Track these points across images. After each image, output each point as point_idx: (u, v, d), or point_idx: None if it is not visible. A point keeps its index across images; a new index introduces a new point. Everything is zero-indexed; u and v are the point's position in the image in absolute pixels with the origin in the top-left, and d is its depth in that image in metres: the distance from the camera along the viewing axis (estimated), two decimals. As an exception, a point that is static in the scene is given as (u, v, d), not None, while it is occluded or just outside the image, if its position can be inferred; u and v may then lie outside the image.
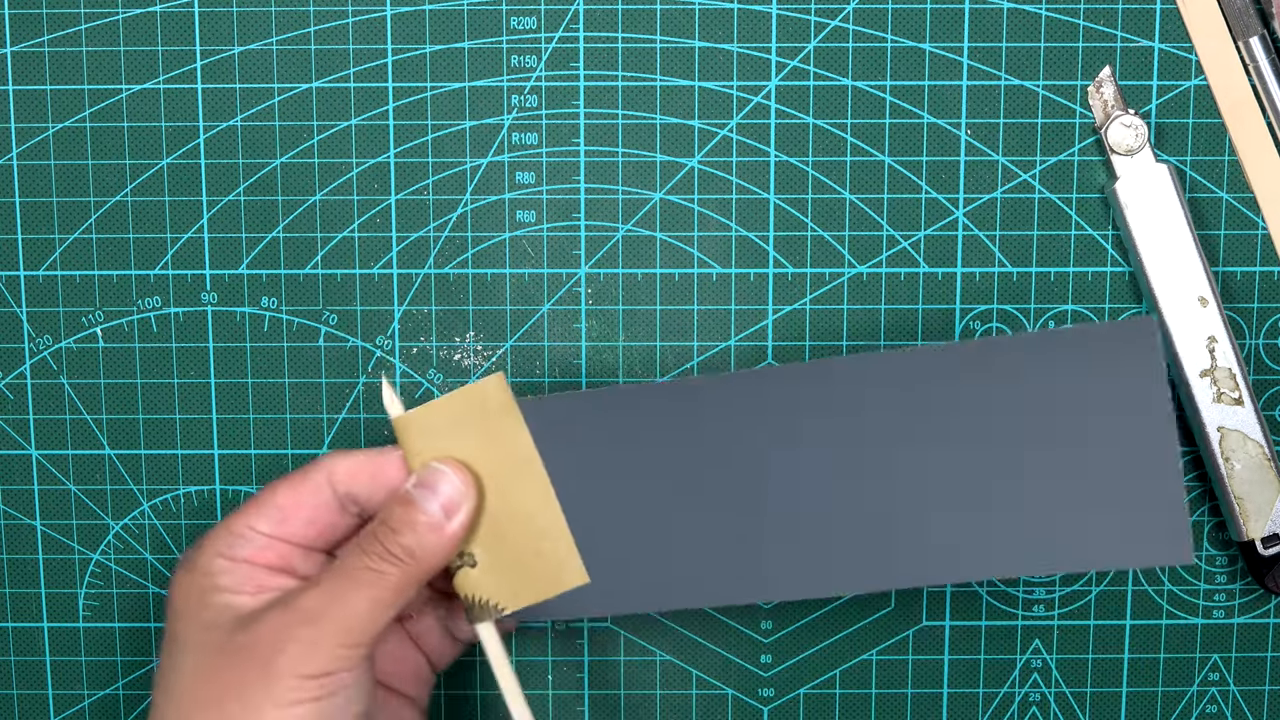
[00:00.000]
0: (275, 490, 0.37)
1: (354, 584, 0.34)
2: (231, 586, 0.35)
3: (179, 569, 0.37)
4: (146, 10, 0.43)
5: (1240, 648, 0.45)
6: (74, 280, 0.44)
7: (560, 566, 0.36)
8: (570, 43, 0.43)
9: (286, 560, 0.36)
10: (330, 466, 0.36)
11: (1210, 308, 0.42)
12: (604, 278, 0.44)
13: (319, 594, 0.34)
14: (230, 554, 0.36)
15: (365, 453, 0.37)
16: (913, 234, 0.44)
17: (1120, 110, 0.42)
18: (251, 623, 0.34)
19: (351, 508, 0.37)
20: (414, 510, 0.35)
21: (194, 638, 0.35)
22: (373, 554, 0.35)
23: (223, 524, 0.36)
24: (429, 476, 0.36)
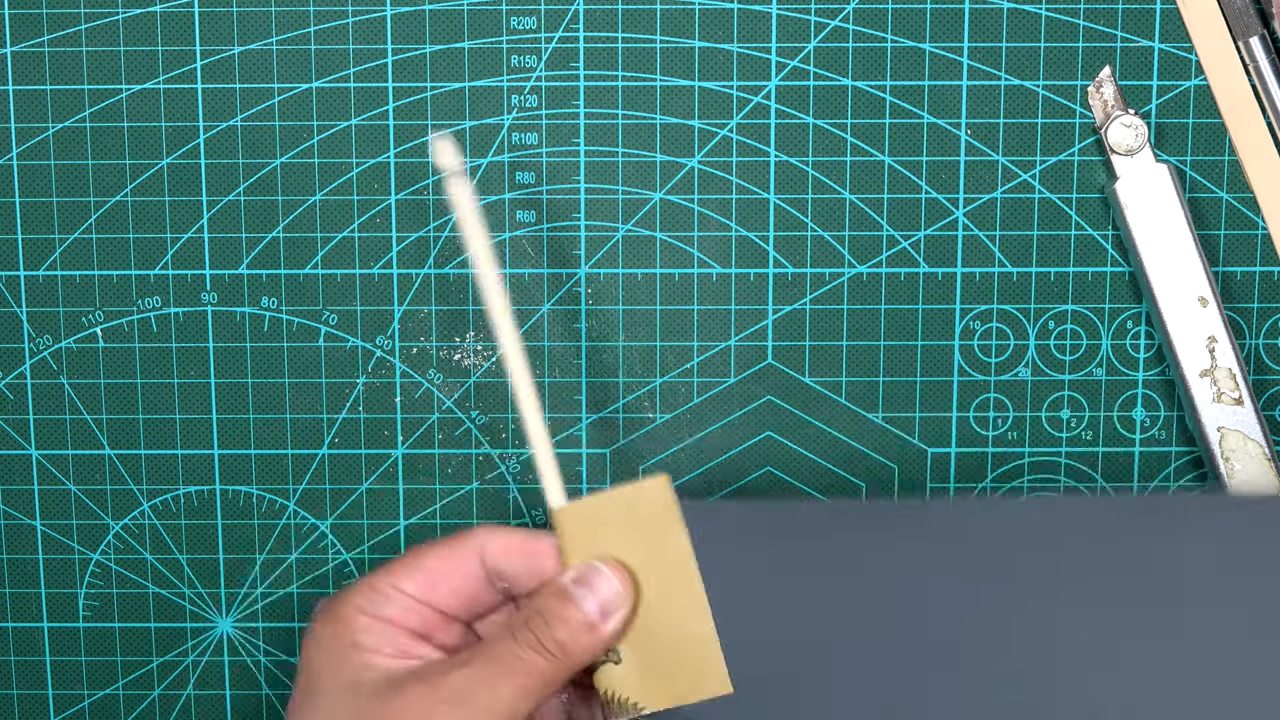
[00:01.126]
0: (423, 554, 0.36)
1: (502, 671, 0.34)
2: (372, 646, 0.35)
3: (319, 619, 0.36)
4: (146, 10, 0.43)
5: (1240, 648, 0.45)
6: (74, 280, 0.44)
7: (705, 672, 0.36)
8: (570, 43, 0.43)
9: (428, 627, 0.36)
10: (484, 540, 0.36)
11: (1210, 308, 0.42)
12: (604, 278, 0.44)
13: (467, 675, 0.34)
14: (373, 611, 0.35)
15: (521, 533, 0.36)
16: (913, 234, 0.44)
17: (1120, 110, 0.42)
18: (394, 693, 0.34)
19: (499, 584, 0.36)
20: (571, 607, 0.35)
21: (333, 695, 0.35)
22: (525, 643, 0.34)
23: (366, 580, 0.36)
24: (589, 575, 0.35)
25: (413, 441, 0.45)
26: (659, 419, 0.44)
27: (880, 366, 0.44)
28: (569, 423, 0.44)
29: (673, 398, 0.44)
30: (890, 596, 0.34)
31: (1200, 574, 0.30)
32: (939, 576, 0.33)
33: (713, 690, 0.36)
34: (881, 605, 0.34)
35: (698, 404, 0.44)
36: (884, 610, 0.34)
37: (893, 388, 0.44)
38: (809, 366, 0.44)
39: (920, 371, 0.44)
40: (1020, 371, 0.44)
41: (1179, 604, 0.30)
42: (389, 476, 0.45)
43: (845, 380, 0.44)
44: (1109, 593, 0.31)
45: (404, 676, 0.34)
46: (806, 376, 0.44)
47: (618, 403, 0.44)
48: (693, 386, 0.44)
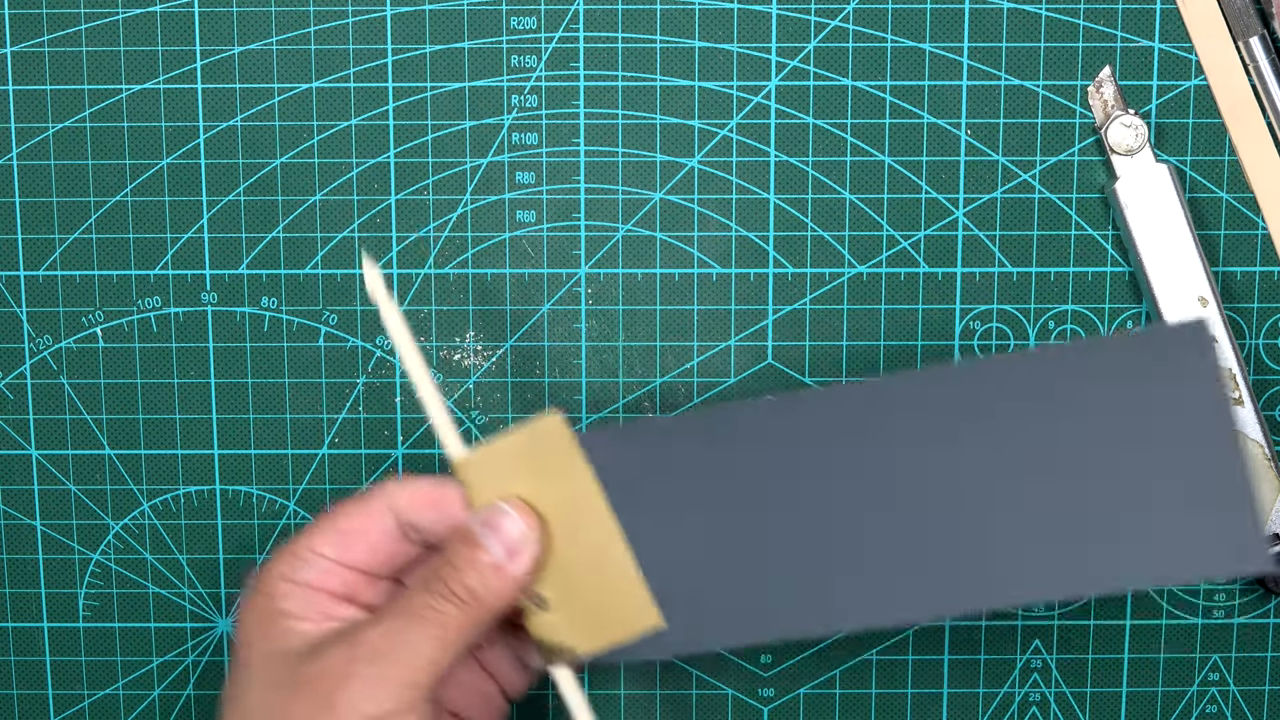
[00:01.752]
0: (336, 515, 0.36)
1: (417, 622, 0.34)
2: (295, 612, 0.35)
3: (246, 591, 0.36)
4: (146, 10, 0.43)
5: (1240, 648, 0.45)
6: (74, 280, 0.44)
7: (633, 609, 0.36)
8: (570, 43, 0.43)
9: (351, 587, 0.36)
10: (391, 493, 0.36)
11: (1210, 308, 0.42)
12: (604, 278, 0.44)
13: (382, 631, 0.34)
14: (293, 577, 0.35)
15: (428, 481, 0.36)
16: (913, 234, 0.44)
17: (1120, 110, 0.42)
18: (316, 655, 0.34)
19: (413, 535, 0.36)
20: (477, 550, 0.35)
21: (260, 667, 0.35)
22: (436, 593, 0.34)
23: (286, 547, 0.36)
24: (492, 516, 0.35)
25: (413, 441, 0.45)
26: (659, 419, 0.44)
27: (880, 366, 0.44)
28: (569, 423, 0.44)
29: (673, 398, 0.44)
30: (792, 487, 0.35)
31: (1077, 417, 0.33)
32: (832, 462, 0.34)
33: (643, 625, 0.36)
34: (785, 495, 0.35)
35: (698, 404, 0.44)
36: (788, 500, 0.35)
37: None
38: (809, 366, 0.44)
39: (920, 371, 0.44)
40: (1020, 371, 0.44)
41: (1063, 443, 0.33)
42: (389, 476, 0.45)
43: (845, 380, 0.44)
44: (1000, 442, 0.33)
45: (325, 639, 0.34)
46: (806, 376, 0.44)
47: (618, 403, 0.44)
48: (693, 386, 0.44)
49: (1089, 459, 0.33)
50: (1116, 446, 0.33)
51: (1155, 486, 0.33)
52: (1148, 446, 0.32)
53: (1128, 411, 0.32)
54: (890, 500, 0.34)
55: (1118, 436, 0.33)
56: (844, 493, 0.34)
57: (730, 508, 0.35)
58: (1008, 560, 0.33)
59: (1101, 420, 0.33)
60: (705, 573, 0.35)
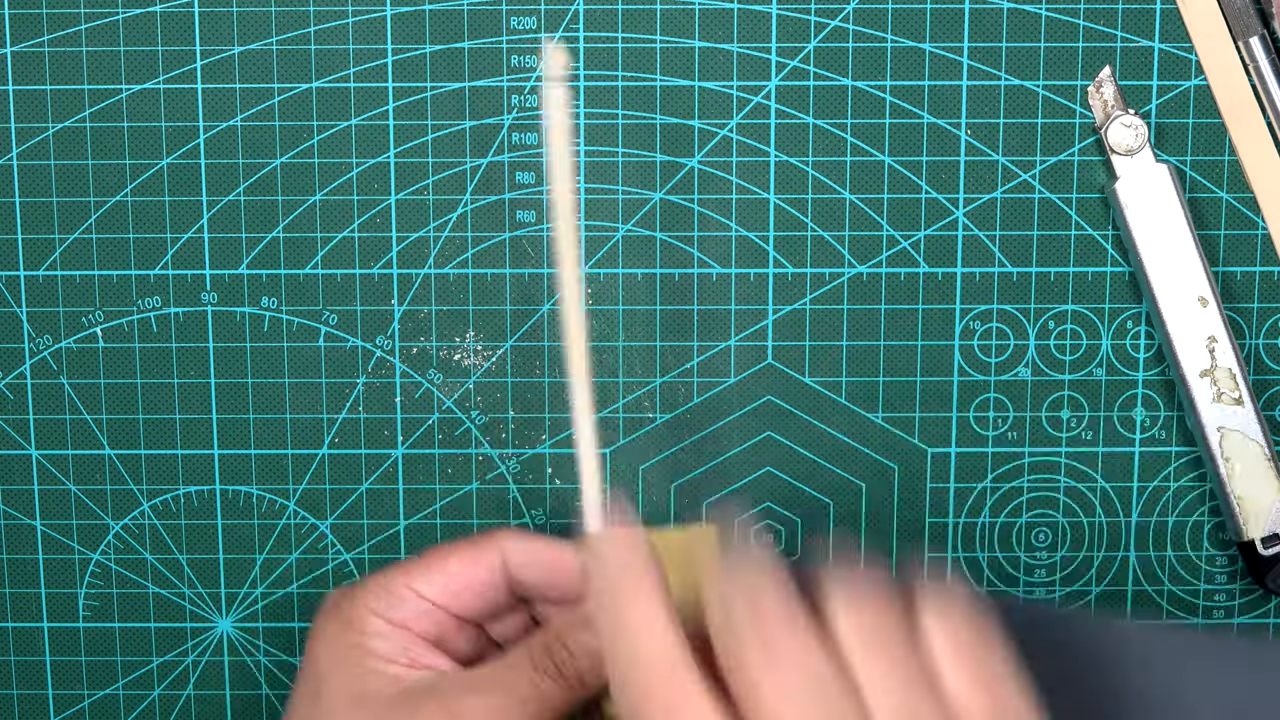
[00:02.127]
0: (445, 557, 0.35)
1: (519, 700, 0.33)
2: (384, 653, 0.34)
3: (327, 617, 0.35)
4: (146, 10, 0.43)
5: (1240, 648, 0.45)
6: (74, 280, 0.44)
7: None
8: (570, 43, 0.43)
9: (442, 631, 0.35)
10: (506, 546, 0.35)
11: (1210, 308, 0.42)
12: (604, 278, 0.44)
13: (482, 703, 0.33)
14: (387, 615, 0.34)
15: (545, 542, 0.36)
16: (913, 234, 0.44)
17: (1120, 110, 0.42)
18: (408, 711, 0.33)
19: (516, 590, 0.36)
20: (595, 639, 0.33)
21: (339, 703, 0.34)
22: (544, 672, 0.33)
23: (380, 580, 0.35)
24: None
25: (413, 441, 0.45)
26: (659, 419, 0.44)
27: (880, 366, 0.44)
28: (569, 423, 0.44)
29: (673, 398, 0.44)
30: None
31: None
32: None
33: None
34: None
35: (698, 404, 0.44)
36: None
37: (893, 388, 0.44)
38: (809, 366, 0.44)
39: (920, 371, 0.44)
40: (1020, 371, 0.44)
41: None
42: (389, 476, 0.45)
43: (845, 380, 0.44)
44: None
45: (416, 692, 0.34)
46: (806, 376, 0.44)
47: (618, 403, 0.44)
48: (693, 386, 0.44)
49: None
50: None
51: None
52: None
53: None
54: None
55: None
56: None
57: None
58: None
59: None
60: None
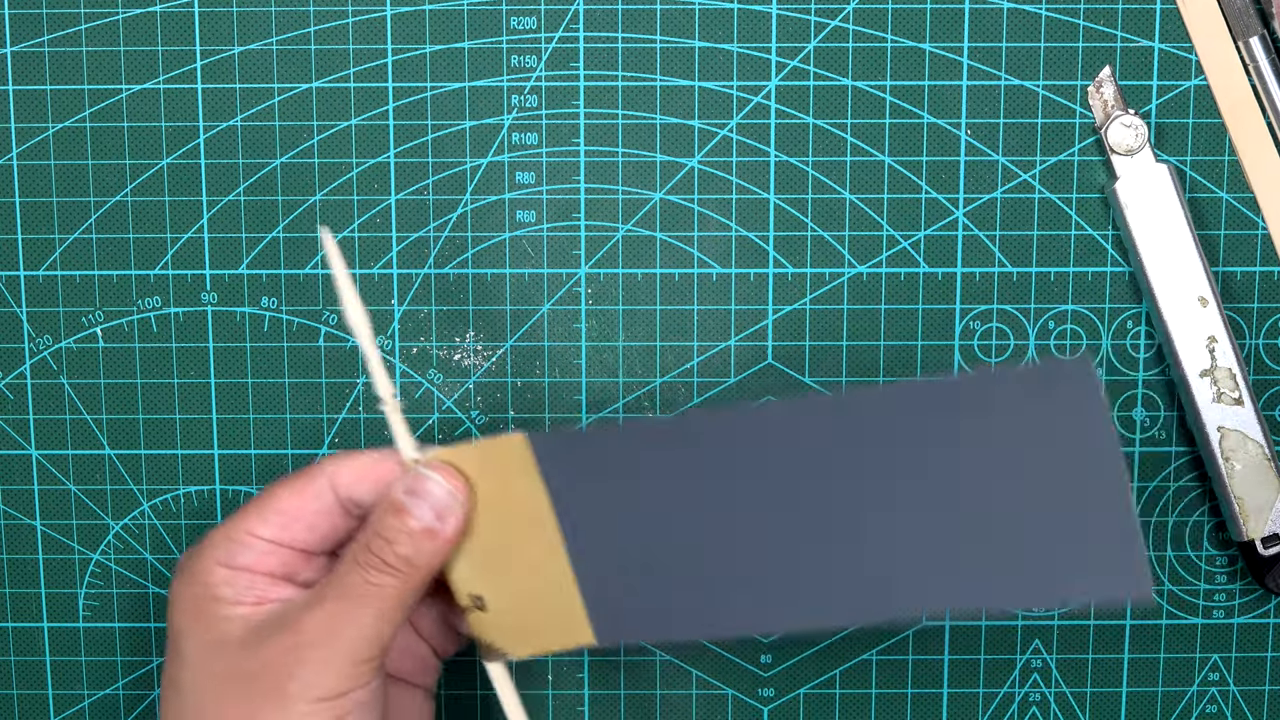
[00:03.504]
0: (276, 495, 0.36)
1: (357, 601, 0.34)
2: (231, 598, 0.35)
3: (177, 577, 0.36)
4: (146, 10, 0.43)
5: (1240, 648, 0.45)
6: (74, 280, 0.44)
7: (568, 624, 0.36)
8: (570, 43, 0.43)
9: (288, 566, 0.36)
10: (333, 470, 0.36)
11: (1210, 308, 0.42)
12: (604, 278, 0.44)
13: (323, 614, 0.34)
14: (230, 562, 0.35)
15: (369, 455, 0.36)
16: (913, 234, 0.44)
17: (1120, 110, 0.42)
18: (257, 646, 0.34)
19: (354, 510, 0.36)
20: (407, 518, 0.34)
21: (199, 658, 0.35)
22: (370, 567, 0.34)
23: (220, 530, 0.36)
24: (417, 482, 0.35)
25: (413, 441, 0.45)
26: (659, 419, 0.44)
27: (880, 366, 0.44)
28: (569, 423, 0.44)
29: (673, 398, 0.44)
30: (721, 501, 0.36)
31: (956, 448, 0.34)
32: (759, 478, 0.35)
33: (576, 641, 0.36)
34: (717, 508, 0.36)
35: (698, 404, 0.44)
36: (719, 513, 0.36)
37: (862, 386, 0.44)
38: (809, 366, 0.44)
39: (920, 371, 0.44)
40: (1020, 371, 0.44)
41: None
42: (389, 476, 0.45)
43: (845, 380, 0.44)
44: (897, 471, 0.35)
45: (265, 626, 0.34)
46: (806, 376, 0.44)
47: (618, 403, 0.44)
48: (693, 386, 0.44)
49: (980, 486, 0.34)
50: (1007, 476, 0.34)
51: (1044, 515, 0.34)
52: (1039, 476, 0.34)
53: (1020, 443, 0.34)
54: (798, 514, 0.35)
55: (1010, 467, 0.34)
56: (763, 505, 0.35)
57: (667, 510, 0.36)
58: (895, 576, 0.35)
59: (994, 450, 0.34)
60: (639, 570, 0.36)
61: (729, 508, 0.35)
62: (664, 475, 0.36)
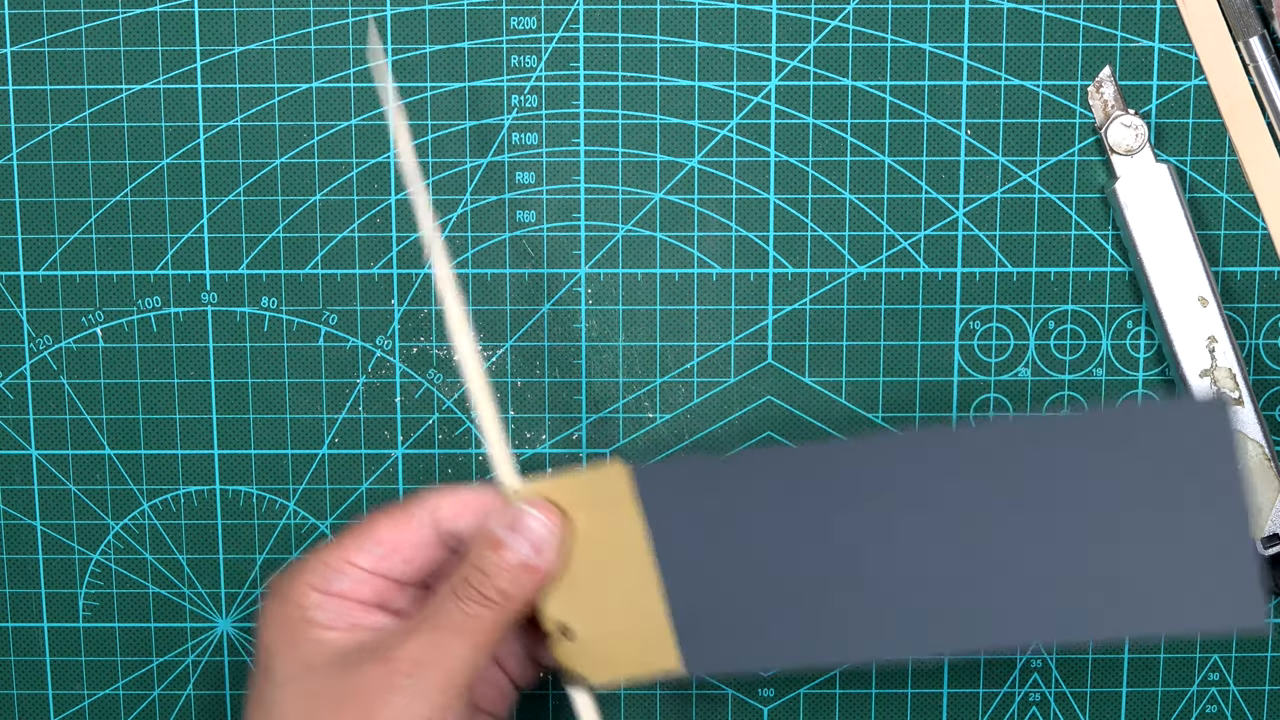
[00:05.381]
0: (376, 525, 0.36)
1: (452, 632, 0.34)
2: (325, 622, 0.35)
3: (271, 599, 0.36)
4: (146, 10, 0.43)
5: (1240, 648, 0.45)
6: (74, 280, 0.44)
7: (654, 651, 0.36)
8: (570, 43, 0.43)
9: (381, 595, 0.36)
10: (435, 505, 0.36)
11: (1210, 308, 0.42)
12: (604, 278, 0.44)
13: (418, 644, 0.34)
14: (325, 588, 0.35)
15: (470, 491, 0.37)
16: (913, 234, 0.44)
17: (1120, 110, 0.42)
18: (351, 670, 0.34)
19: (451, 543, 0.37)
20: (506, 552, 0.35)
21: (290, 677, 0.35)
22: (468, 600, 0.35)
23: (318, 555, 0.36)
24: (515, 518, 0.35)
25: (413, 441, 0.45)
26: (659, 419, 0.44)
27: (880, 366, 0.44)
28: (569, 423, 0.44)
29: (673, 398, 0.44)
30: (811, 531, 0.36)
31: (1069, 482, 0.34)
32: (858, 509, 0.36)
33: (663, 668, 0.37)
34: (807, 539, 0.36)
35: (698, 404, 0.44)
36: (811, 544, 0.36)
37: (893, 388, 0.44)
38: (809, 366, 0.44)
39: (920, 371, 0.44)
40: (1020, 371, 0.44)
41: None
42: (389, 477, 0.45)
43: (845, 380, 0.44)
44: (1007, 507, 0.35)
45: (357, 652, 0.35)
46: (806, 376, 0.44)
47: (618, 403, 0.44)
48: (693, 386, 0.44)
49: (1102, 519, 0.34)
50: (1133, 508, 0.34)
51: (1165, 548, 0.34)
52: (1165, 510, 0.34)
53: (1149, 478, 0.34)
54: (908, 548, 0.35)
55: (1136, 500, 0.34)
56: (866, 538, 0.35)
57: (766, 541, 0.36)
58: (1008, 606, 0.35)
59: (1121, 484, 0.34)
60: (731, 600, 0.36)
61: (832, 540, 0.35)
62: (766, 507, 0.36)
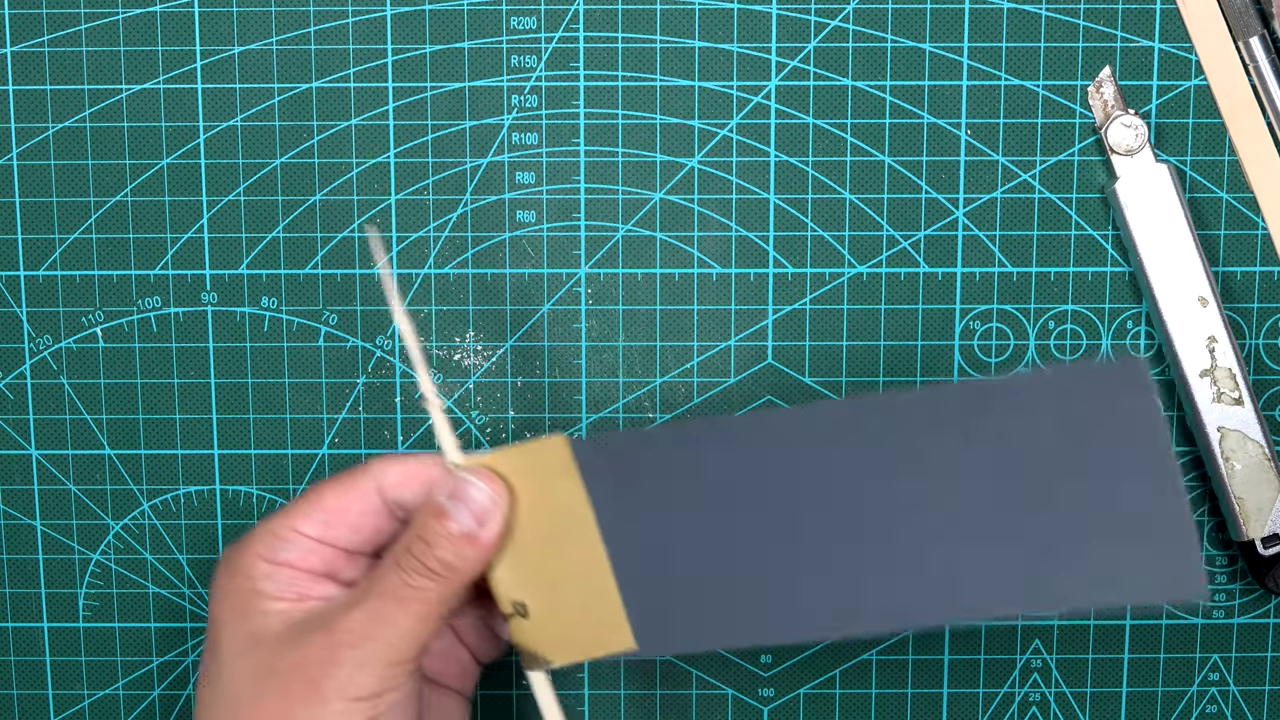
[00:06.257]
0: (322, 493, 0.36)
1: (396, 602, 0.34)
2: (272, 593, 0.35)
3: (219, 571, 0.36)
4: (146, 10, 0.43)
5: (1240, 648, 0.45)
6: (74, 280, 0.44)
7: (609, 630, 0.36)
8: (570, 43, 0.43)
9: (330, 565, 0.36)
10: (380, 473, 0.36)
11: (1210, 308, 0.42)
12: (604, 278, 0.44)
13: (361, 615, 0.34)
14: (272, 557, 0.35)
15: (415, 459, 0.36)
16: (913, 234, 0.44)
17: (1120, 110, 0.42)
18: (297, 643, 0.34)
19: (398, 512, 0.37)
20: (447, 521, 0.35)
21: (237, 651, 0.35)
22: (411, 570, 0.34)
23: (264, 525, 0.36)
24: (458, 487, 0.35)
25: (413, 442, 0.45)
26: (659, 419, 0.44)
27: (880, 366, 0.44)
28: (569, 423, 0.44)
29: (673, 398, 0.44)
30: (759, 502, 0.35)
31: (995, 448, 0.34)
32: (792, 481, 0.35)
33: (617, 646, 0.36)
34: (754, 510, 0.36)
35: (698, 404, 0.44)
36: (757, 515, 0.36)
37: (893, 388, 0.44)
38: (809, 366, 0.44)
39: (920, 371, 0.44)
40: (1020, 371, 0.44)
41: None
42: (389, 476, 0.45)
43: (845, 380, 0.44)
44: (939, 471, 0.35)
45: (304, 623, 0.34)
46: (806, 376, 0.44)
47: (618, 403, 0.44)
48: (693, 386, 0.44)
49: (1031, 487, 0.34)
50: (1059, 476, 0.34)
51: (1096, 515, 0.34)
52: (1091, 476, 0.34)
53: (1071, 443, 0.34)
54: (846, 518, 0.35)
55: (1061, 466, 0.34)
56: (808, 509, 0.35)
57: (710, 516, 0.36)
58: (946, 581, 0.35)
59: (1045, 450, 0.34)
60: (681, 578, 0.36)
61: (774, 511, 0.35)
62: (705, 479, 0.35)
